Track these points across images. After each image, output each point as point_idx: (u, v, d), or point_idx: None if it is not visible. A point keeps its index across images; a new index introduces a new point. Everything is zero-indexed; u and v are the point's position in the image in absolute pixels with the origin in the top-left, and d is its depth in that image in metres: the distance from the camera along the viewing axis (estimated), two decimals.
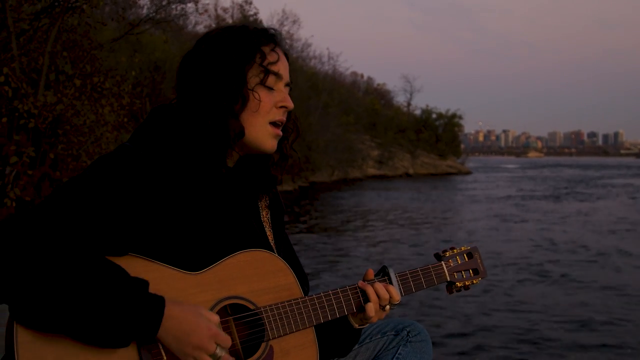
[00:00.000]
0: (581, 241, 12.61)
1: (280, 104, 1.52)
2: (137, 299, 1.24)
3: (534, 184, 37.69)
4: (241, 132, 1.47)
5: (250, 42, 1.49)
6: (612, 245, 12.08)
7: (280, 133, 1.54)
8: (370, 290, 1.62)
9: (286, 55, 1.56)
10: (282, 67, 1.53)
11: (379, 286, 1.63)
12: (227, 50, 1.47)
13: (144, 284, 1.28)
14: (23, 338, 1.21)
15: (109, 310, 1.20)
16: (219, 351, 1.32)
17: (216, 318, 1.34)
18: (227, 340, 1.34)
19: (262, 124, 1.50)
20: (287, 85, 1.55)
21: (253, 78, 1.48)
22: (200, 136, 1.44)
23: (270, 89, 1.51)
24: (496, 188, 33.14)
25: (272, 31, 1.55)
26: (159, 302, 1.27)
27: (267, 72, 1.49)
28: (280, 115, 1.53)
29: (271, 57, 1.51)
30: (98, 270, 1.22)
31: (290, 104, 1.54)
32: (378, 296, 1.62)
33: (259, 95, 1.48)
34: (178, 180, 1.39)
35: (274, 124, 1.52)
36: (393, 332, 1.74)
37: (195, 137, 1.44)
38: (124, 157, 1.35)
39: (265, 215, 1.65)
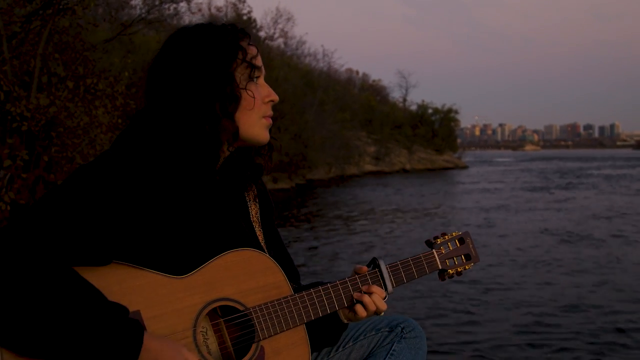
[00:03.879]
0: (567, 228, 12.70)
1: (267, 99, 1.52)
2: (115, 328, 1.21)
3: (525, 176, 38.33)
4: (236, 132, 1.46)
5: (230, 39, 1.47)
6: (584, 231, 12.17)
7: (271, 122, 1.55)
8: (367, 301, 1.61)
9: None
10: (260, 60, 1.52)
11: (377, 297, 1.62)
12: (211, 50, 1.44)
13: (123, 311, 1.25)
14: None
15: (86, 339, 1.18)
16: None
17: (194, 358, 1.31)
18: None
19: (257, 119, 1.50)
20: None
21: (240, 76, 1.47)
22: (195, 141, 1.41)
23: (256, 84, 1.50)
24: (490, 182, 33.28)
25: (241, 26, 1.53)
26: (137, 332, 1.24)
27: (252, 67, 1.48)
28: (270, 110, 1.54)
29: (251, 52, 1.50)
30: (76, 296, 1.20)
31: (276, 97, 1.54)
32: (376, 306, 1.62)
33: (252, 92, 1.48)
34: (163, 183, 1.36)
35: (265, 117, 1.53)
36: (387, 329, 1.72)
37: (188, 142, 1.41)
38: (104, 165, 1.33)
39: (254, 214, 1.63)
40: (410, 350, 1.69)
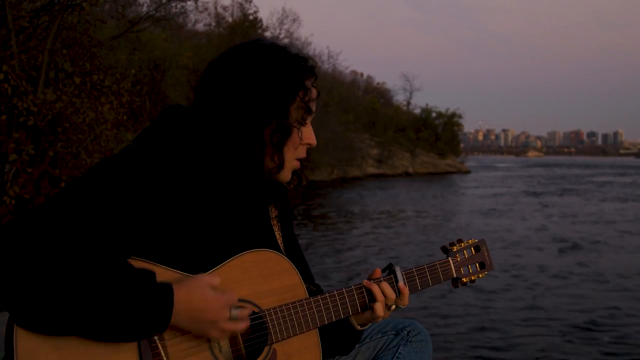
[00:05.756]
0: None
1: (306, 141, 1.52)
2: (146, 291, 1.23)
3: (526, 182, 38.53)
4: (281, 164, 1.47)
5: (299, 76, 1.47)
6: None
7: (299, 165, 1.55)
8: (376, 290, 1.60)
9: None
10: (315, 103, 1.52)
11: (385, 285, 1.61)
12: (278, 81, 1.43)
13: (151, 275, 1.27)
14: (23, 343, 1.19)
15: (119, 306, 1.20)
16: (233, 313, 1.33)
17: (217, 280, 1.33)
18: (235, 299, 1.35)
19: (291, 159, 1.50)
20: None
21: (294, 113, 1.47)
22: (239, 164, 1.42)
23: (304, 125, 1.50)
24: (493, 187, 33.28)
25: (312, 62, 1.52)
26: (167, 291, 1.26)
27: (308, 110, 1.49)
28: (304, 153, 1.54)
29: (312, 94, 1.50)
30: (103, 267, 1.21)
31: (315, 142, 1.54)
32: (384, 295, 1.61)
33: (302, 133, 1.48)
34: (185, 182, 1.37)
35: (298, 159, 1.53)
36: (393, 332, 1.73)
37: (230, 163, 1.42)
38: (128, 159, 1.34)
39: (273, 216, 1.63)
40: (415, 354, 1.70)
